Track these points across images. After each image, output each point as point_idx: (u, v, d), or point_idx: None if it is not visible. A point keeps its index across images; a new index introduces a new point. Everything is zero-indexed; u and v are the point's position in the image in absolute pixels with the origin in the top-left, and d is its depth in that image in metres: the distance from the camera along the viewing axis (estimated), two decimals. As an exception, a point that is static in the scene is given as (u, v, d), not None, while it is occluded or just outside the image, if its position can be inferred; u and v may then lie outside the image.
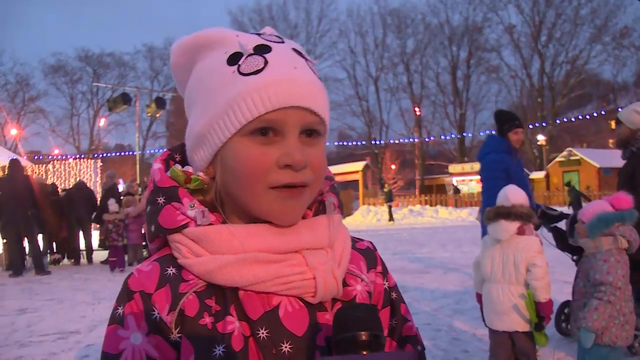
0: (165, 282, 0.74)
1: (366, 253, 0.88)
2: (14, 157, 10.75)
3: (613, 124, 3.83)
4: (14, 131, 37.19)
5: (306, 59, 0.76)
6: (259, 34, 0.77)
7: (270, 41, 0.75)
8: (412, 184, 45.94)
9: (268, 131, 0.71)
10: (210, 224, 0.74)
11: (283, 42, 0.76)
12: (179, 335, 0.71)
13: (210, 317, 0.71)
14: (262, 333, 0.71)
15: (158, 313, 0.72)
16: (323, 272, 0.73)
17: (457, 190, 22.78)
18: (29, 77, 46.20)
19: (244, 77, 0.71)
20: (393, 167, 43.98)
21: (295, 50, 0.76)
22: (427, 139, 45.08)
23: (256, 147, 0.71)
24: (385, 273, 0.89)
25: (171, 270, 0.75)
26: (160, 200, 0.76)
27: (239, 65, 0.72)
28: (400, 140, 45.39)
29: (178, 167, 0.79)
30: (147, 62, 50.11)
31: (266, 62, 0.71)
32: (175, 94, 38.73)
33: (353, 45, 48.76)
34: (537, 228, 3.72)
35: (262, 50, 0.73)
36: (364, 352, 0.62)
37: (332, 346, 0.66)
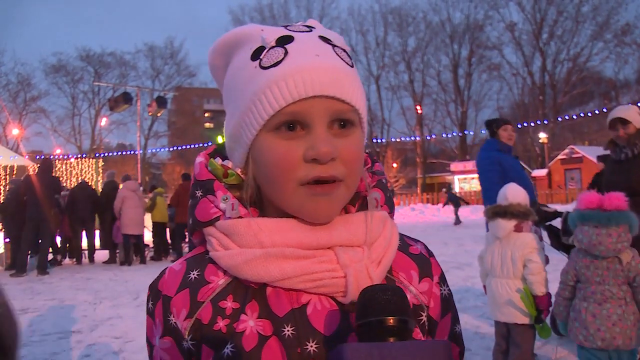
0: (185, 287, 0.74)
1: (419, 259, 0.81)
2: (45, 157, 10.92)
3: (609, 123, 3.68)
4: (15, 131, 37.18)
5: (334, 46, 0.72)
6: (286, 26, 0.74)
7: (296, 31, 0.71)
8: (414, 182, 45.91)
9: (295, 125, 0.68)
10: (240, 217, 0.72)
11: (310, 31, 0.72)
12: (192, 342, 0.71)
13: (224, 320, 0.70)
14: (288, 330, 0.68)
15: (174, 318, 0.73)
16: (355, 271, 0.68)
17: (449, 189, 22.73)
18: (30, 77, 46.21)
19: (264, 71, 0.68)
20: (395, 165, 43.94)
21: (322, 37, 0.72)
22: (428, 137, 44.98)
23: (282, 143, 0.68)
24: (444, 280, 0.84)
25: (194, 274, 0.74)
26: (198, 193, 0.76)
27: (261, 60, 0.69)
28: (402, 139, 45.31)
29: (218, 160, 0.78)
30: (148, 62, 50.12)
31: (286, 53, 0.68)
32: (177, 93, 38.84)
33: (354, 43, 48.65)
34: (536, 225, 3.72)
35: (284, 41, 0.69)
36: (391, 339, 0.56)
37: (354, 331, 0.62)
